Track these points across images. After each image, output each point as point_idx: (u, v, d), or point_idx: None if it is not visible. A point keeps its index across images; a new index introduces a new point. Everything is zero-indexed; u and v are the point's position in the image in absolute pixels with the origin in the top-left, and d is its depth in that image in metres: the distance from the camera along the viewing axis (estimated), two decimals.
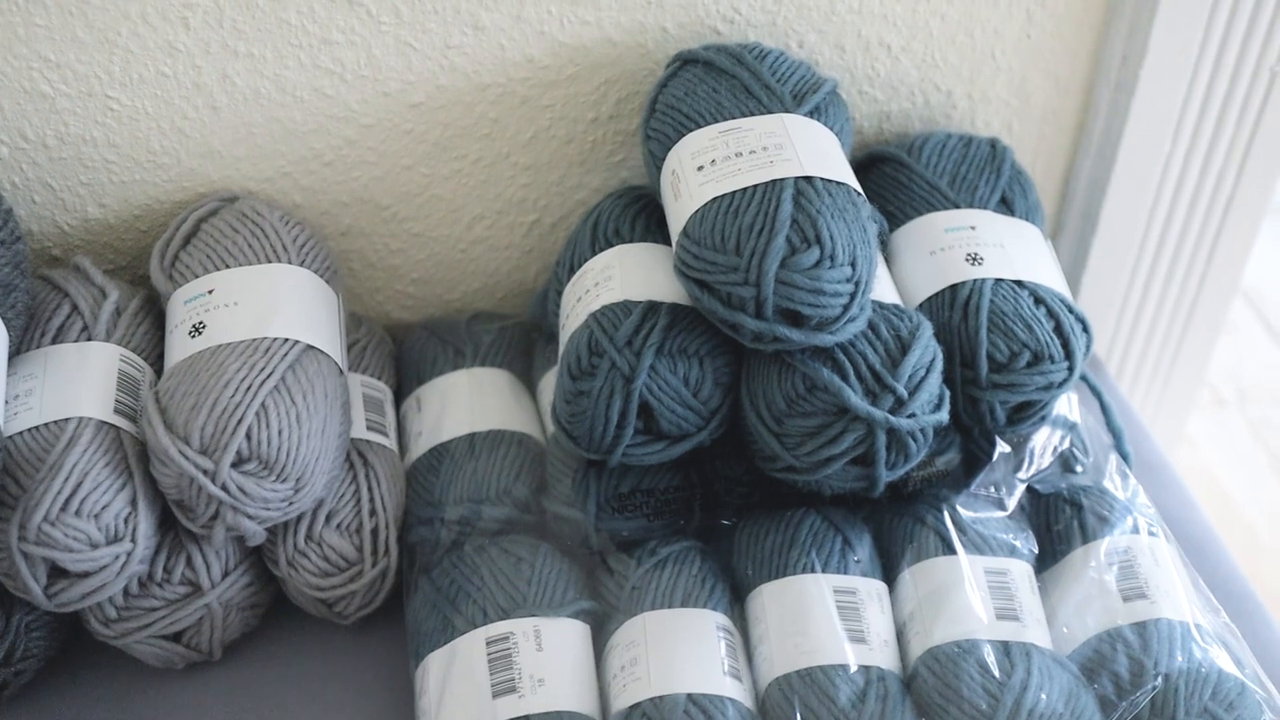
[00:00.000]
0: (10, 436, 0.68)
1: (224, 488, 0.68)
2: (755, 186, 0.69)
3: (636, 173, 0.87)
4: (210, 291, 0.74)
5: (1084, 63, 0.89)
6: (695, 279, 0.69)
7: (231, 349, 0.71)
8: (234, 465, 0.68)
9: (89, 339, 0.74)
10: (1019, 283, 0.78)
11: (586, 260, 0.78)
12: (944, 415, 0.71)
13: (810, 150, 0.71)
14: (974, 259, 0.79)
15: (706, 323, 0.72)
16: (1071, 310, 0.78)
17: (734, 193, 0.69)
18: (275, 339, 0.72)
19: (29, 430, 0.69)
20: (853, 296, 0.68)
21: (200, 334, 0.72)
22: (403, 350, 0.89)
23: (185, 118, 0.77)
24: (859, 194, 0.72)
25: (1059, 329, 0.76)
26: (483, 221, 0.87)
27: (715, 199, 0.70)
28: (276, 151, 0.80)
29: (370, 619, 0.78)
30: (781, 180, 0.69)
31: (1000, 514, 0.77)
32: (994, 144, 0.85)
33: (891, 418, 0.68)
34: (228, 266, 0.76)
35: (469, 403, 0.82)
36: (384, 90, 0.79)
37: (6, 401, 0.69)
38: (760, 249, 0.67)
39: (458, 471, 0.78)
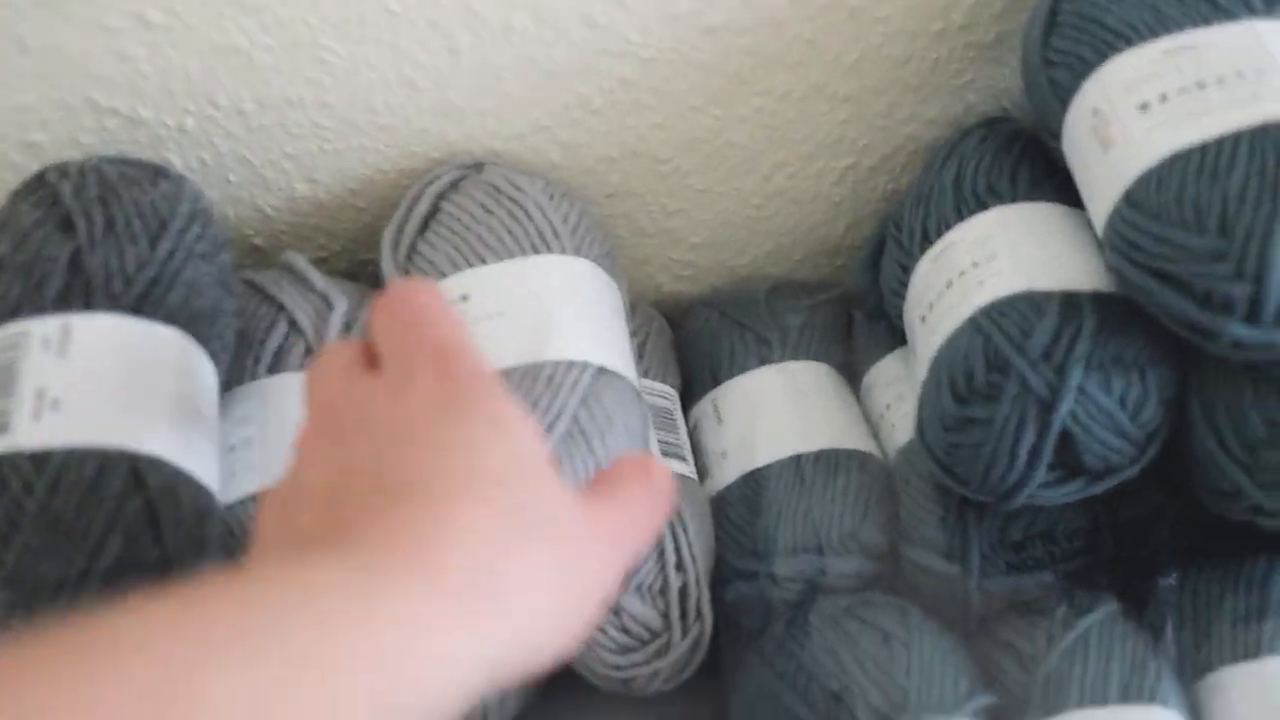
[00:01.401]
0: (231, 507, 0.52)
1: None
2: (1239, 134, 0.48)
3: (984, 96, 0.66)
4: (464, 298, 0.57)
5: None
6: (1150, 267, 0.49)
7: (503, 380, 0.54)
8: None
9: None
10: None
11: (951, 226, 0.58)
12: None
13: None
14: None
15: (1144, 317, 0.52)
16: None
17: (1207, 144, 0.48)
18: (559, 363, 0.54)
19: (254, 498, 0.53)
20: None
21: None
22: (684, 336, 0.70)
23: (417, 65, 0.59)
24: None
25: None
26: (784, 170, 0.68)
27: (1178, 154, 0.49)
28: (531, 101, 0.61)
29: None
30: (1277, 123, 0.48)
31: None
32: None
33: None
34: (484, 261, 0.58)
35: (789, 412, 0.63)
36: (672, 13, 0.59)
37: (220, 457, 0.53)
38: (1260, 228, 0.46)
39: (786, 509, 0.60)
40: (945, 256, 0.58)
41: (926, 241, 0.60)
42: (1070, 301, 0.53)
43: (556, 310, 0.56)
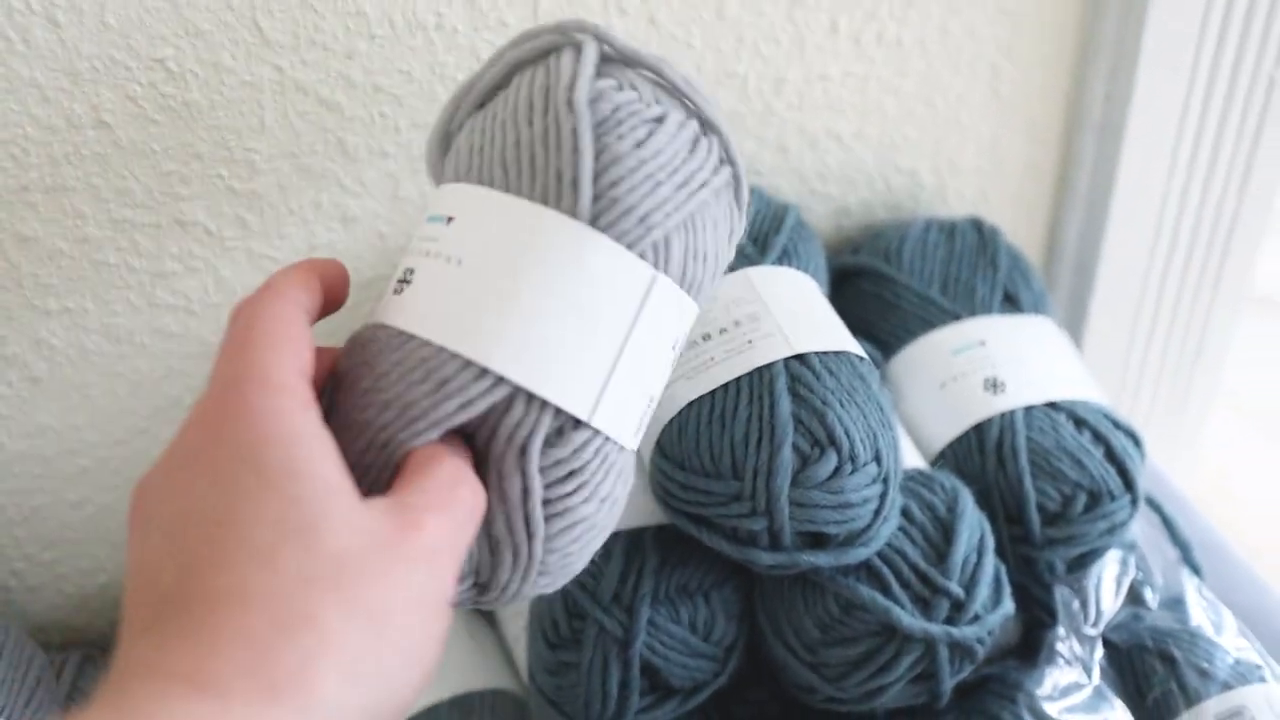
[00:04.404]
0: None
1: None
2: (739, 380, 0.55)
3: None
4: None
5: (1058, 107, 0.76)
6: (689, 514, 0.55)
7: None
8: None
9: None
10: (1053, 405, 0.64)
11: None
12: (1008, 605, 0.57)
13: (792, 314, 0.57)
14: (994, 385, 0.65)
15: (702, 545, 0.57)
16: (1118, 425, 0.65)
17: (715, 392, 0.55)
18: None
19: None
20: (883, 497, 0.54)
21: None
22: None
23: None
24: (862, 358, 0.57)
25: (1111, 454, 0.63)
26: None
27: (692, 404, 0.55)
28: None
29: None
30: (770, 366, 0.55)
31: (1086, 688, 0.63)
32: (980, 227, 0.72)
33: (953, 630, 0.55)
34: None
35: None
36: None
37: None
38: (764, 467, 0.52)
39: None
40: None
41: None
42: (635, 541, 0.58)
43: None
